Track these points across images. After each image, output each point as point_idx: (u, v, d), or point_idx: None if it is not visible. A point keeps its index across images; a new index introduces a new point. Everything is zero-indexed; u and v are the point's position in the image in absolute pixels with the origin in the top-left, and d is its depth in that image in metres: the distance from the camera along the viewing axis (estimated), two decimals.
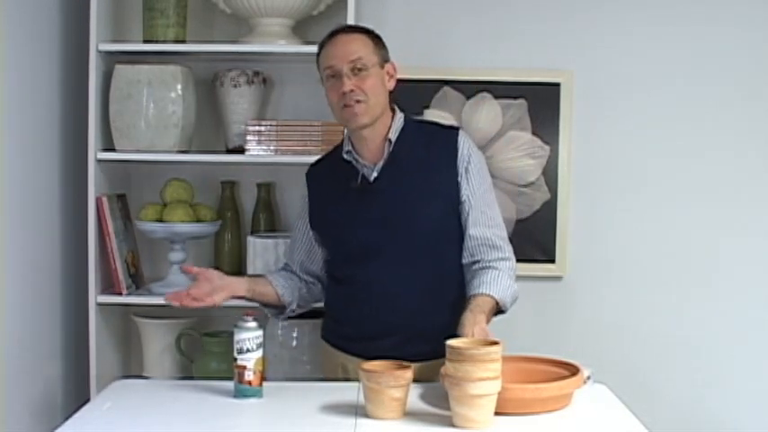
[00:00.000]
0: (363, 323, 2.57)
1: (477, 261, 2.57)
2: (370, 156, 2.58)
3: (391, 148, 2.56)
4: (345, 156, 2.59)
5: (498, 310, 2.51)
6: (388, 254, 2.53)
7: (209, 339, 3.20)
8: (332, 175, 2.64)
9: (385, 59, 2.57)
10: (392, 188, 2.55)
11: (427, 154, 2.58)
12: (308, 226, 2.70)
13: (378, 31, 2.62)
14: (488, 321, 2.43)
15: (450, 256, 2.60)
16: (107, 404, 2.30)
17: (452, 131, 2.64)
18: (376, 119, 2.54)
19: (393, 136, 2.57)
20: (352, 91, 2.48)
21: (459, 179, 2.56)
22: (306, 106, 3.37)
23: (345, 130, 2.66)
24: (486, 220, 2.58)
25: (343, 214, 2.58)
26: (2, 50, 2.78)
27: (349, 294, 2.58)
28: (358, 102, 2.49)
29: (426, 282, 2.55)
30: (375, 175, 2.56)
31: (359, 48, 2.52)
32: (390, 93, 2.59)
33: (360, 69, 2.49)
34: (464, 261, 2.60)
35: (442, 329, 2.32)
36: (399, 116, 2.62)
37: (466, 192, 2.56)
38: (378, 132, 2.56)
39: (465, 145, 2.59)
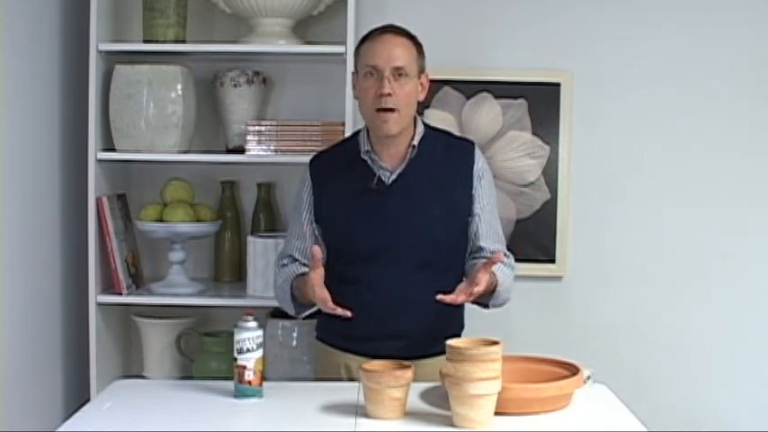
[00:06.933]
0: (368, 324, 2.55)
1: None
2: (390, 159, 2.58)
3: (413, 154, 2.57)
4: (363, 156, 2.59)
5: (484, 300, 2.52)
6: (397, 257, 2.54)
7: (210, 339, 3.20)
8: (342, 172, 2.62)
9: (422, 69, 2.58)
10: (408, 193, 2.56)
11: (445, 164, 2.60)
12: (313, 219, 2.64)
13: None
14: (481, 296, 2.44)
15: (454, 264, 2.62)
16: (107, 404, 2.30)
17: (469, 144, 2.67)
18: (403, 129, 2.55)
19: (416, 142, 2.58)
20: (389, 95, 2.48)
21: (473, 192, 2.59)
22: (306, 106, 3.38)
23: (363, 129, 2.63)
24: (493, 235, 2.63)
25: (355, 213, 2.56)
26: (2, 51, 2.78)
27: (354, 294, 2.52)
28: (391, 110, 2.49)
29: (431, 286, 2.53)
30: (393, 178, 2.57)
31: (404, 53, 2.52)
32: (419, 103, 2.60)
33: (401, 75, 2.50)
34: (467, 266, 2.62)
35: (445, 332, 2.35)
36: (420, 121, 2.63)
37: (478, 205, 2.60)
38: (402, 138, 2.57)
39: (480, 159, 2.64)
